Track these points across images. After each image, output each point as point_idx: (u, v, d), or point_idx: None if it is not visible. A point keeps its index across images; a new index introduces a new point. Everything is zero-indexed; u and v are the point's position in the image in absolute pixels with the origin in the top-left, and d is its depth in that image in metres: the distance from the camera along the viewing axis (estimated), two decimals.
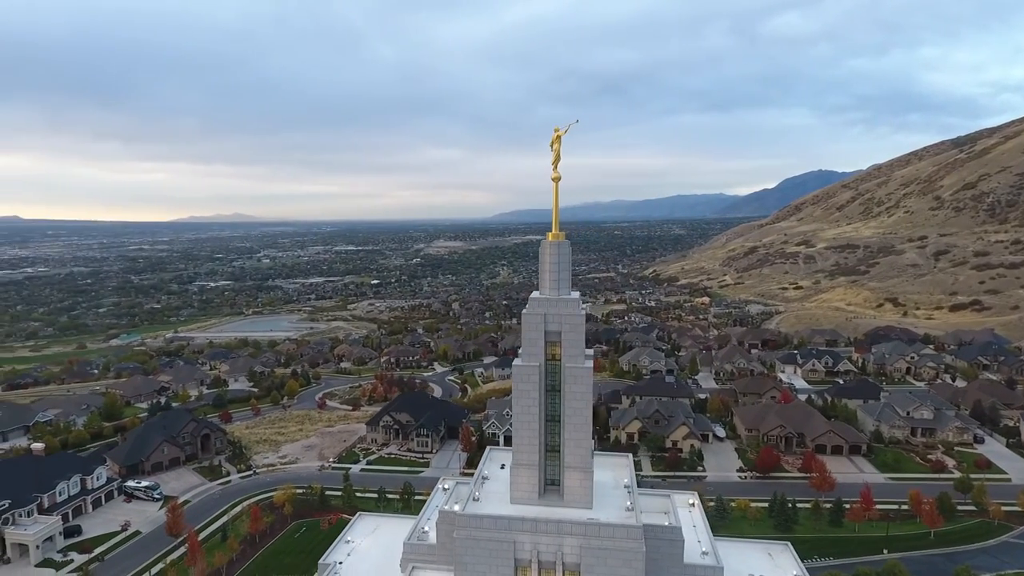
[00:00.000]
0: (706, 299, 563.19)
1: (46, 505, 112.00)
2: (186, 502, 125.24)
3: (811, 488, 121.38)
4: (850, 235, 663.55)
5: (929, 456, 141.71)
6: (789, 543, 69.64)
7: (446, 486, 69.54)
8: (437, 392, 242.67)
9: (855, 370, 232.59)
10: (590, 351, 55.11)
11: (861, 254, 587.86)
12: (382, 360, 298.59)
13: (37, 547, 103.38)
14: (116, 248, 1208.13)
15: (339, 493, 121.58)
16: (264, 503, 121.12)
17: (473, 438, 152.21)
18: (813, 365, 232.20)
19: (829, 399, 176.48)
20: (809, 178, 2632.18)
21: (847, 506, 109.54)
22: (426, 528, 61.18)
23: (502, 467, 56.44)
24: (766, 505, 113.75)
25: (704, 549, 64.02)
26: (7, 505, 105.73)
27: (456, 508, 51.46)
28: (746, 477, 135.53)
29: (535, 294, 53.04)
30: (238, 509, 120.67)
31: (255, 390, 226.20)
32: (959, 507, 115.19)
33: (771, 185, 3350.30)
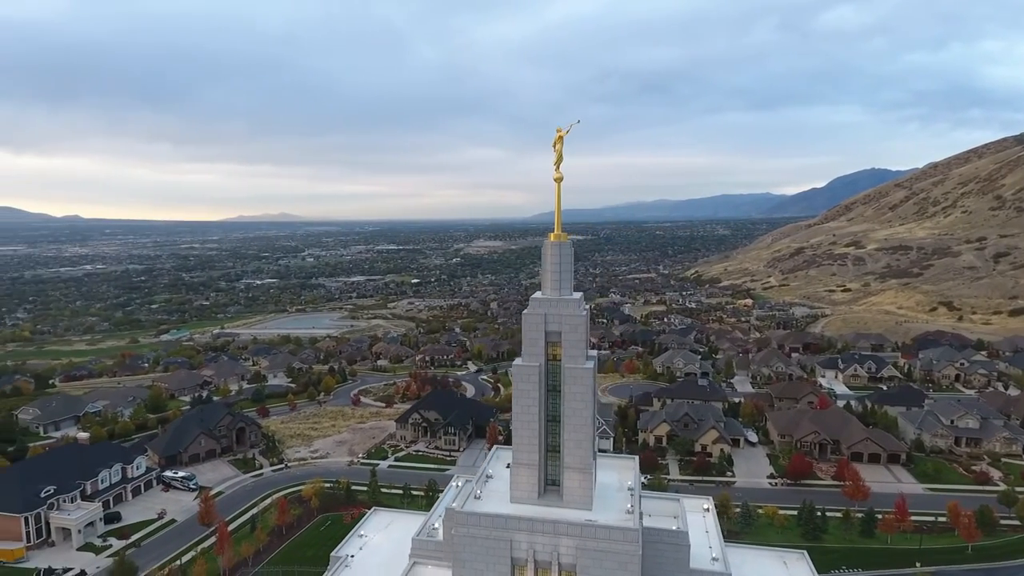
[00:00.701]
0: (749, 301, 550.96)
1: (89, 492, 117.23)
2: (219, 493, 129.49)
3: (844, 497, 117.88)
4: (903, 236, 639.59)
5: (973, 467, 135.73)
6: (805, 552, 67.83)
7: (459, 483, 70.09)
8: (470, 391, 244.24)
9: (900, 376, 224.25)
10: (594, 352, 54.83)
11: (914, 256, 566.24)
12: (417, 358, 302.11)
13: (79, 531, 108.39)
14: (168, 246, 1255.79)
15: (365, 488, 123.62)
16: (293, 496, 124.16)
17: (500, 437, 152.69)
18: (855, 370, 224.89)
19: (869, 405, 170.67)
20: (861, 177, 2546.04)
21: (879, 516, 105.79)
22: (436, 525, 61.79)
23: (507, 466, 56.55)
24: (795, 513, 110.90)
25: (714, 555, 62.88)
26: (52, 491, 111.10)
27: (455, 505, 51.88)
28: (777, 484, 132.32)
29: (537, 294, 53.09)
30: (268, 501, 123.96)
31: (292, 386, 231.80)
32: (1003, 521, 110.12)
33: (820, 184, 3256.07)
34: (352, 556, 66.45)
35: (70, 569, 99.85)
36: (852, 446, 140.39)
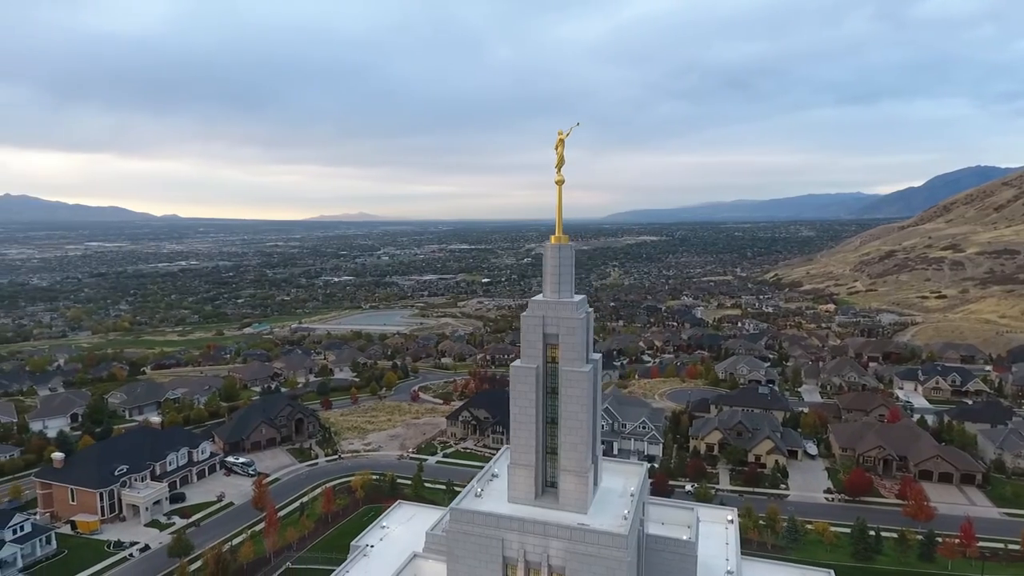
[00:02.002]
0: (831, 306, 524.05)
1: (157, 473, 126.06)
2: (275, 480, 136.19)
3: (905, 517, 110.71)
4: (1009, 239, 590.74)
5: None
6: (832, 571, 64.45)
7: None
8: None
9: (988, 391, 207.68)
10: (597, 355, 54.30)
11: (1021, 260, 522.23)
12: (479, 357, 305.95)
13: (147, 509, 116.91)
14: (255, 244, 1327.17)
15: (410, 482, 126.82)
16: (341, 487, 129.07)
17: None
18: (937, 383, 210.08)
19: (946, 421, 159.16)
20: (964, 175, 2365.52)
21: (940, 540, 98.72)
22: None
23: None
24: (848, 531, 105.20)
25: (730, 568, 61.15)
26: (125, 470, 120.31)
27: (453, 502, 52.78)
28: (833, 499, 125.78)
29: (537, 297, 53.16)
30: (318, 490, 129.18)
31: (356, 380, 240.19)
32: None
33: (918, 183, 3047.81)
34: (371, 546, 68.74)
35: (136, 543, 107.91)
36: (920, 463, 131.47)
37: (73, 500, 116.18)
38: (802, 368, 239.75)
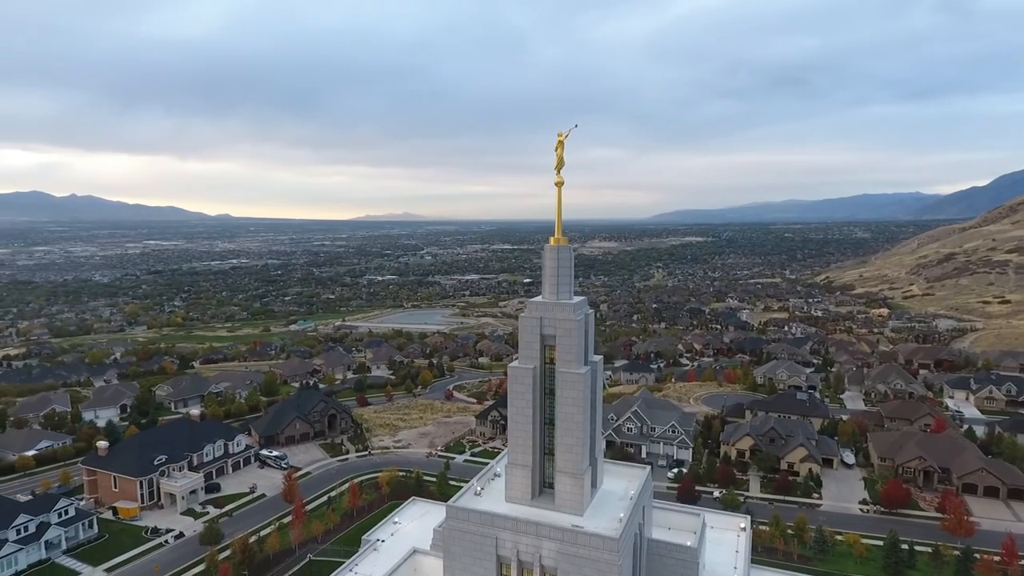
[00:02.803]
0: (884, 311, 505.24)
1: (195, 463, 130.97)
2: (307, 474, 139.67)
3: (943, 531, 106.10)
4: None
5: None
6: None
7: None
8: None
9: None
10: (597, 357, 54.00)
11: None
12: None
13: (183, 497, 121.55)
14: (303, 243, 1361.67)
15: (435, 480, 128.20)
16: (369, 482, 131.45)
17: None
18: (991, 392, 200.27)
19: (995, 432, 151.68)
20: None
21: (978, 556, 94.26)
22: None
23: None
24: (880, 543, 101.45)
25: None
26: (164, 459, 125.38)
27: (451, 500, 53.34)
28: (868, 511, 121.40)
29: (536, 298, 53.22)
30: (347, 485, 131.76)
31: (392, 377, 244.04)
32: None
33: (983, 182, 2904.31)
34: (382, 541, 69.98)
35: (172, 530, 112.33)
36: (964, 476, 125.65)
37: (115, 487, 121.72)
38: (846, 374, 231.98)
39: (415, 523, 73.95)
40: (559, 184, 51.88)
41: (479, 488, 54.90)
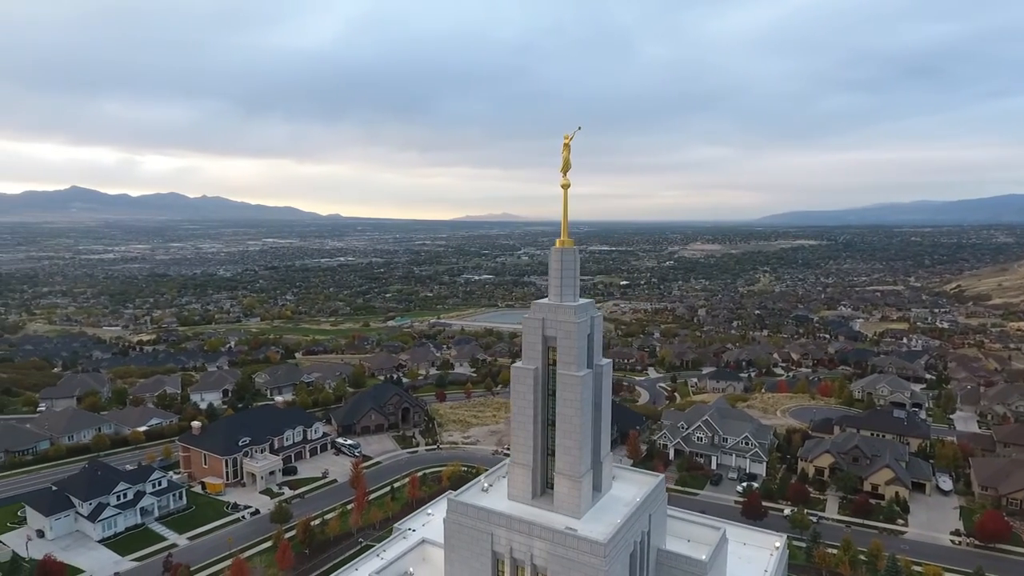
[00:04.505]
0: None
1: (275, 447, 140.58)
2: (377, 463, 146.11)
3: None
4: None
5: None
6: None
7: None
8: (643, 397, 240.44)
9: None
10: (606, 361, 53.13)
11: None
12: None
13: (262, 478, 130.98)
14: (405, 243, 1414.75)
15: None
16: (432, 475, 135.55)
17: (643, 446, 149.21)
18: None
19: None
20: None
21: None
22: None
23: None
24: None
25: None
26: (248, 442, 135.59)
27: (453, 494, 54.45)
28: (960, 543, 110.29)
29: (542, 300, 53.19)
30: (410, 477, 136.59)
31: (474, 375, 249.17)
32: None
33: None
34: (412, 530, 72.30)
35: (249, 507, 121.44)
36: None
37: (205, 464, 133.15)
38: (959, 393, 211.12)
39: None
40: (565, 187, 51.62)
41: (486, 484, 55.75)
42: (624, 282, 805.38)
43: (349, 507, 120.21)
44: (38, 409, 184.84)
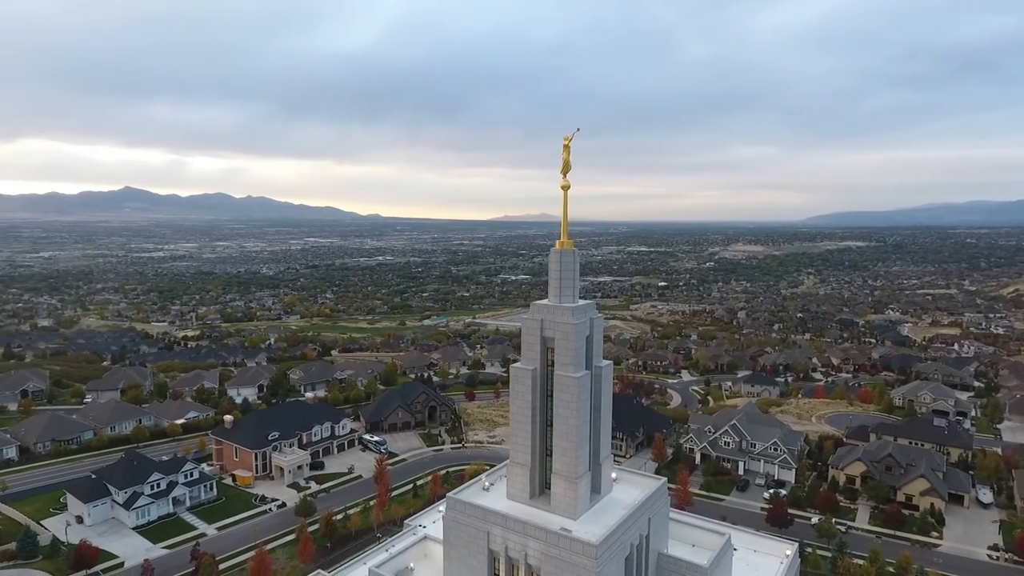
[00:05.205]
0: None
1: (303, 442, 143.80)
2: (402, 460, 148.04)
3: None
4: None
5: None
6: None
7: None
8: (676, 400, 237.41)
9: None
10: (606, 362, 52.85)
11: None
12: (630, 361, 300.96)
13: (290, 471, 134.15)
14: (443, 242, 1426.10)
15: None
16: (456, 473, 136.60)
17: (669, 449, 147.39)
18: None
19: None
20: None
21: None
22: None
23: None
24: None
25: None
26: (277, 436, 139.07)
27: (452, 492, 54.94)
28: (999, 558, 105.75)
29: (542, 301, 53.21)
30: (438, 474, 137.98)
31: (504, 374, 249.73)
32: None
33: None
34: (423, 527, 73.12)
35: (276, 500, 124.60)
36: None
37: (236, 457, 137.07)
38: (1007, 402, 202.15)
39: None
40: (565, 188, 51.55)
41: (488, 483, 56.11)
42: (662, 283, 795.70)
43: (372, 503, 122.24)
44: (84, 400, 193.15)
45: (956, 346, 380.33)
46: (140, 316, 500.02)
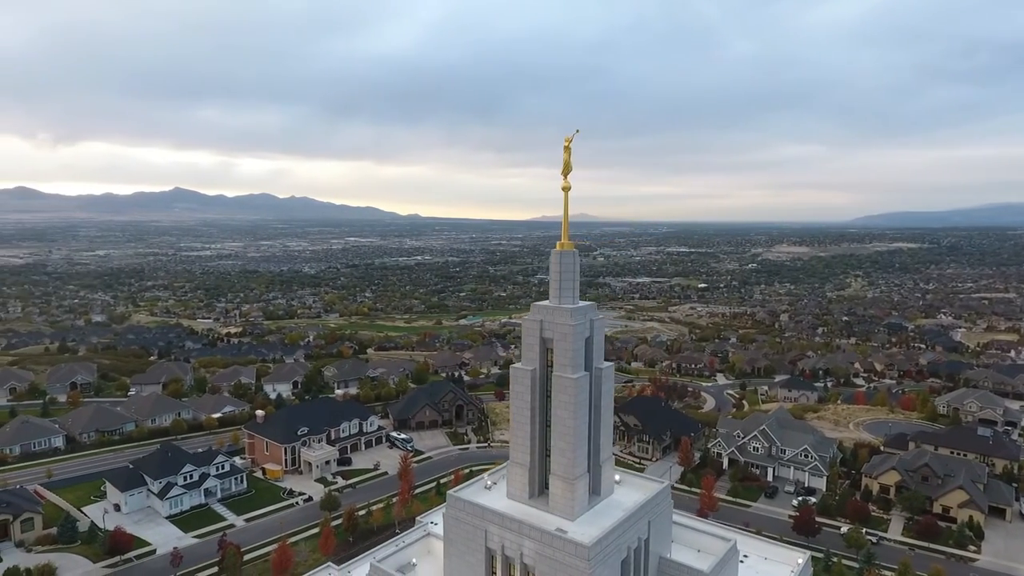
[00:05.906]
0: None
1: (332, 438, 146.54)
2: (428, 458, 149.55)
3: None
4: None
5: None
6: None
7: None
8: (709, 403, 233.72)
9: None
10: (608, 364, 52.52)
11: None
12: (664, 363, 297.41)
13: (318, 466, 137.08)
14: (481, 242, 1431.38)
15: None
16: (479, 472, 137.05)
17: (697, 454, 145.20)
18: None
19: None
20: None
21: None
22: None
23: None
24: None
25: None
26: (306, 431, 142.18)
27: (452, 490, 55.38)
28: None
29: (542, 302, 53.20)
30: (462, 472, 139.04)
31: None
32: None
33: None
34: (434, 523, 73.80)
35: (303, 494, 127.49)
36: None
37: (267, 451, 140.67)
38: None
39: None
40: (565, 189, 51.43)
41: (490, 482, 56.42)
42: (702, 285, 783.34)
43: (395, 499, 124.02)
44: (128, 393, 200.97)
45: (1012, 353, 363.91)
46: (187, 313, 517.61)
